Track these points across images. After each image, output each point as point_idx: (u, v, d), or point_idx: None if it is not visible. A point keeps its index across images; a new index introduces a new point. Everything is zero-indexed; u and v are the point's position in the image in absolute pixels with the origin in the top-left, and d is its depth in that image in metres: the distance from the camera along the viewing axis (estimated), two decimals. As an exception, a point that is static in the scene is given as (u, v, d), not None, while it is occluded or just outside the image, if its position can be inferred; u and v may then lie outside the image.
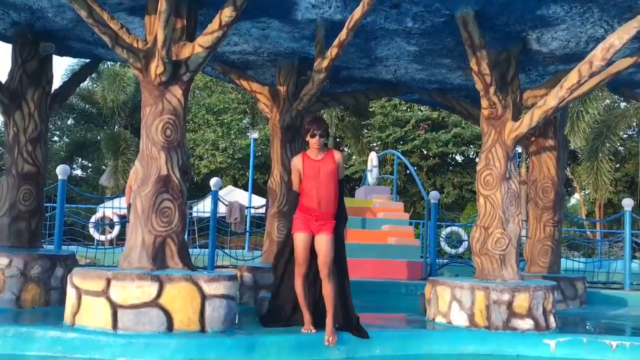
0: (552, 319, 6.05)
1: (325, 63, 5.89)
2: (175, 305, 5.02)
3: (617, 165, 27.91)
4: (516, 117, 6.39)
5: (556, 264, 8.56)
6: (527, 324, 5.89)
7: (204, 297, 5.11)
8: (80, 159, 31.55)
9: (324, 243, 5.02)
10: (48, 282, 6.24)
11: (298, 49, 7.03)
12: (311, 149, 5.09)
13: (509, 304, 5.88)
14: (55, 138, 32.06)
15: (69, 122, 31.26)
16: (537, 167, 8.65)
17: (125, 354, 4.74)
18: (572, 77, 5.67)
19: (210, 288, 5.14)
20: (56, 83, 7.25)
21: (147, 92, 5.37)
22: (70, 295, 5.15)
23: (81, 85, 26.29)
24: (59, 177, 8.60)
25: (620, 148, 25.95)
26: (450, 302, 6.10)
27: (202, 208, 13.90)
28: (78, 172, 32.81)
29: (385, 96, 9.21)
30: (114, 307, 4.97)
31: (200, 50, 5.31)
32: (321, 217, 5.02)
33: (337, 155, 5.16)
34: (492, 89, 6.16)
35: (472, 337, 5.73)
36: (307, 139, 5.10)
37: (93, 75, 23.87)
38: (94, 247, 12.29)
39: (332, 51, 5.71)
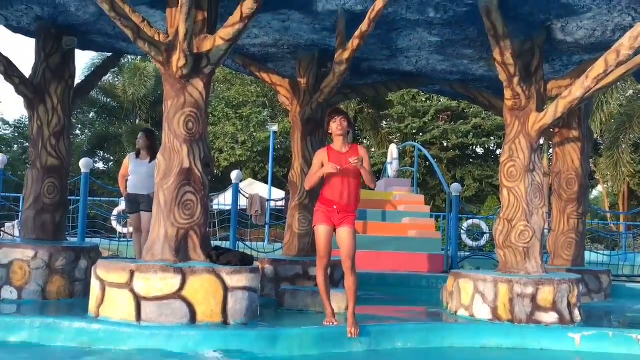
0: (577, 312, 5.97)
1: (346, 54, 5.85)
2: (198, 297, 5.05)
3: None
4: (540, 108, 6.29)
5: (580, 256, 8.44)
6: (551, 317, 5.81)
7: (226, 289, 5.13)
8: (102, 152, 31.93)
9: (346, 236, 5.01)
10: (73, 274, 6.31)
11: (318, 41, 6.99)
12: (335, 140, 5.09)
13: (533, 297, 5.82)
14: (78, 132, 32.44)
15: (91, 115, 31.64)
16: (561, 158, 8.52)
17: (149, 345, 4.78)
18: (598, 67, 5.56)
19: (232, 280, 5.16)
20: (78, 77, 7.31)
21: (169, 85, 5.39)
22: (95, 287, 5.21)
23: (103, 79, 26.79)
24: (82, 170, 8.72)
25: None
26: (473, 295, 6.05)
27: (223, 201, 13.95)
28: (100, 165, 33.23)
29: (406, 87, 9.15)
30: (138, 299, 5.01)
31: (221, 43, 5.30)
32: (343, 209, 5.01)
33: (362, 149, 5.11)
34: (515, 80, 6.07)
35: (495, 331, 5.68)
36: (329, 130, 5.09)
37: (114, 69, 24.12)
38: (117, 239, 12.42)
39: (354, 42, 5.67)
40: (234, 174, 9.58)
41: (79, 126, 32.53)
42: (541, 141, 12.06)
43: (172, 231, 5.27)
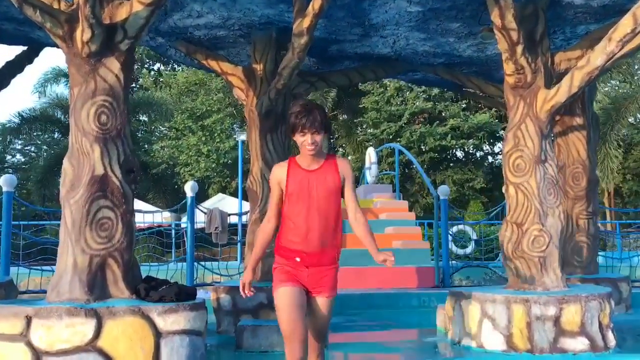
0: (610, 335, 4.78)
1: (306, 22, 4.62)
2: (119, 348, 3.73)
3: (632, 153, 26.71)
4: (549, 84, 5.14)
5: (593, 262, 7.28)
6: (580, 343, 4.61)
7: (158, 334, 3.84)
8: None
9: (322, 309, 3.07)
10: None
11: (275, 18, 5.77)
12: (302, 154, 3.05)
13: (556, 320, 4.60)
14: (44, 153, 30.73)
15: (54, 135, 29.98)
16: (565, 150, 7.37)
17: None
18: (624, 26, 4.41)
19: (166, 322, 3.85)
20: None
21: (74, 68, 4.09)
22: (-20, 340, 3.85)
23: (57, 94, 25.24)
24: (4, 189, 7.31)
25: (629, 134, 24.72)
26: (480, 320, 4.81)
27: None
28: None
29: (383, 76, 7.94)
30: (37, 355, 3.68)
31: (140, 9, 4.03)
32: (316, 261, 3.01)
33: (343, 163, 3.08)
34: (519, 49, 4.89)
35: (514, 366, 4.46)
36: (293, 137, 3.05)
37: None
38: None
39: (315, 4, 4.44)
40: (188, 186, 8.26)
41: (44, 147, 30.86)
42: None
43: (83, 260, 3.94)
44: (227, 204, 19.00)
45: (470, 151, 27.13)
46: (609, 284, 6.99)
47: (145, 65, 31.90)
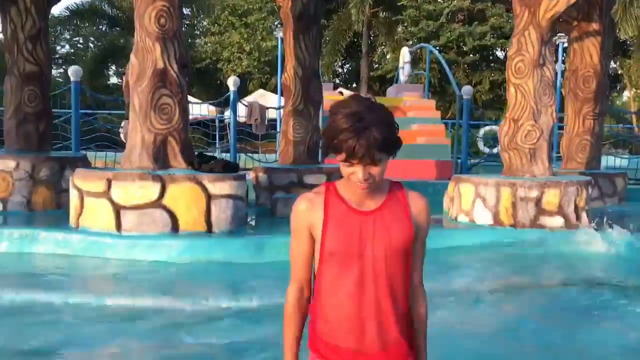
0: (584, 216, 5.64)
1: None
2: (179, 205, 4.81)
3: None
4: (553, -6, 5.67)
5: (595, 159, 8.00)
6: (556, 221, 5.50)
7: (209, 197, 4.88)
8: (115, 67, 31.32)
9: None
10: (58, 185, 6.11)
11: None
12: (349, 185, 1.56)
13: (538, 201, 5.48)
14: (91, 45, 31.73)
15: (102, 28, 30.77)
16: (579, 54, 7.88)
17: (130, 255, 4.61)
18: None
19: (215, 188, 4.89)
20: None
21: (137, -23, 4.90)
22: (73, 196, 4.99)
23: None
24: (72, 78, 8.33)
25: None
26: (473, 200, 5.73)
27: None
28: (114, 79, 32.74)
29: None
30: (117, 208, 4.80)
31: None
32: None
33: (418, 202, 1.61)
34: (526, -38, 5.42)
35: (496, 236, 5.40)
36: (337, 159, 1.51)
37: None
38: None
39: None
40: (231, 81, 9.13)
41: (91, 38, 31.82)
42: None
43: (149, 137, 4.96)
44: (267, 99, 19.83)
45: (512, 52, 26.81)
46: (605, 179, 7.78)
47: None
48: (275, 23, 24.70)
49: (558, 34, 9.55)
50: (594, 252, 5.14)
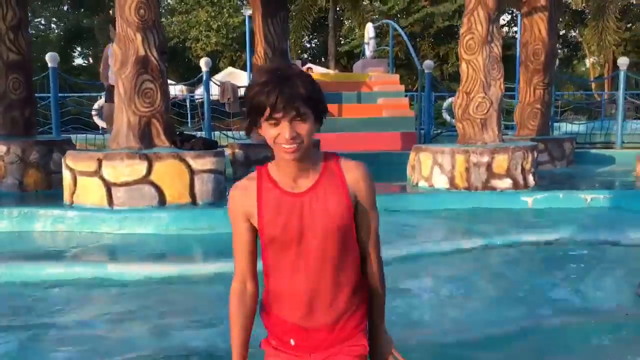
0: (531, 178, 6.29)
1: None
2: (165, 181, 5.29)
3: (629, 25, 26.99)
4: (499, -23, 6.22)
5: (545, 126, 8.69)
6: (505, 183, 6.14)
7: (192, 172, 5.37)
8: (80, 48, 31.08)
9: None
10: (47, 167, 6.52)
11: None
12: (279, 161, 1.50)
13: (489, 166, 6.11)
14: (53, 26, 31.40)
15: (65, 8, 30.43)
16: (529, 29, 8.50)
17: (122, 228, 5.09)
18: None
19: (197, 164, 5.38)
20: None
21: (116, -30, 5.29)
22: (66, 176, 5.43)
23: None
24: (49, 64, 8.65)
25: (631, 5, 24.90)
26: (432, 166, 6.33)
27: (202, 91, 13.88)
28: (79, 60, 32.49)
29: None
30: (108, 186, 5.26)
31: None
32: (325, 343, 1.56)
33: (353, 170, 1.53)
34: (472, -52, 5.95)
35: (452, 198, 6.02)
36: (261, 132, 1.45)
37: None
38: (101, 133, 12.50)
39: None
40: (203, 62, 9.52)
41: (54, 19, 31.45)
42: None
43: (134, 119, 5.41)
44: (236, 77, 20.16)
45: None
46: (554, 143, 8.48)
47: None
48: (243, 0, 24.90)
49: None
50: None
